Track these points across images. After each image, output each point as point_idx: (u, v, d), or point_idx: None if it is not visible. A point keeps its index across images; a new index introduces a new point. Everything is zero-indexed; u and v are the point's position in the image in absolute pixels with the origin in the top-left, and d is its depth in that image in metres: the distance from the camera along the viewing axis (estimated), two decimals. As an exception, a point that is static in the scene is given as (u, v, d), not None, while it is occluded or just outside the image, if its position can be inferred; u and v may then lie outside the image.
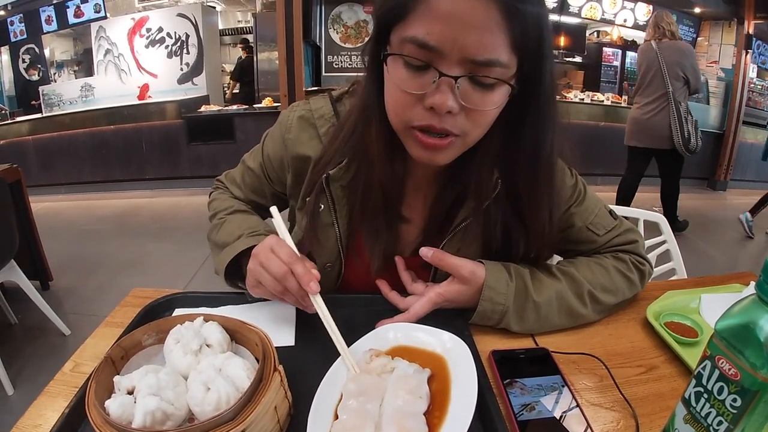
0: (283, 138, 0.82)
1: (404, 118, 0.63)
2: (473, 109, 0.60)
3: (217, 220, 0.88)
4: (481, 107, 0.60)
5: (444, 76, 0.57)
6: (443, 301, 0.74)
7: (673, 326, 0.75)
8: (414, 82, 0.59)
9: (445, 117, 0.60)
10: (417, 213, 0.82)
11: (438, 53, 0.56)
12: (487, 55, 0.56)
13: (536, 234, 0.75)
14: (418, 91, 0.59)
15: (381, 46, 0.63)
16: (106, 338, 0.72)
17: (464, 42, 0.55)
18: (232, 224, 0.84)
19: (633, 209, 1.41)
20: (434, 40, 0.56)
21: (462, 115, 0.61)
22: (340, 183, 0.76)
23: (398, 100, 0.62)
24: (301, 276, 0.65)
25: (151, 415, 0.46)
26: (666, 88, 3.29)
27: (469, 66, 0.57)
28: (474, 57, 0.56)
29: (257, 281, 0.70)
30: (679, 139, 3.26)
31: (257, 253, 0.70)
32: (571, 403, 0.58)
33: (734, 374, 0.42)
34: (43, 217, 3.16)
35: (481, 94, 0.59)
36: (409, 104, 0.61)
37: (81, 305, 2.69)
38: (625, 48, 6.78)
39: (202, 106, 5.43)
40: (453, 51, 0.56)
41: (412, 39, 0.57)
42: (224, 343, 0.58)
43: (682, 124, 3.25)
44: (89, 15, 5.63)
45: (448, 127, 0.61)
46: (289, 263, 0.66)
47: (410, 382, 0.57)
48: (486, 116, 0.63)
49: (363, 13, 5.90)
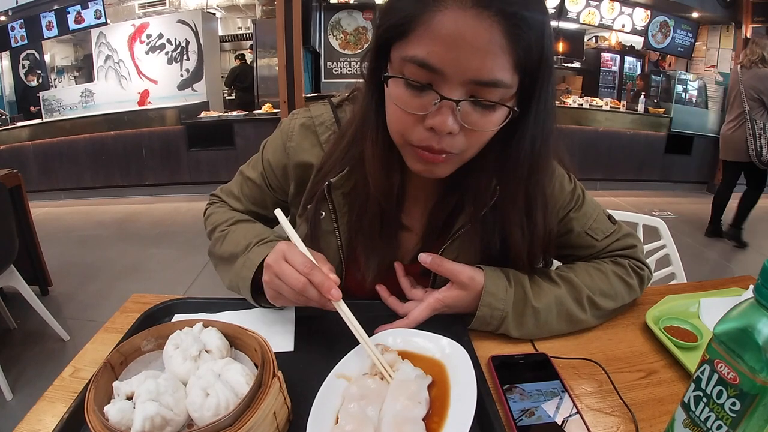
0: (285, 146, 0.82)
1: (404, 136, 0.63)
2: (473, 130, 0.60)
3: (218, 233, 0.85)
4: (481, 128, 0.60)
5: (445, 99, 0.57)
6: (442, 306, 0.74)
7: (672, 331, 0.75)
8: (414, 103, 0.59)
9: (444, 137, 0.60)
10: (416, 220, 0.82)
11: (439, 74, 0.56)
12: (490, 76, 0.56)
13: (533, 238, 0.75)
14: (418, 112, 0.59)
15: (380, 61, 0.63)
16: (105, 344, 0.71)
17: (467, 65, 0.55)
18: (236, 234, 0.82)
19: (632, 214, 1.41)
20: (436, 61, 0.55)
21: (461, 135, 0.61)
22: (341, 191, 0.76)
23: (398, 118, 0.62)
24: (320, 285, 0.62)
25: (150, 421, 0.46)
26: (743, 108, 3.72)
27: (470, 87, 0.57)
28: (476, 79, 0.56)
29: (277, 293, 0.67)
30: (754, 153, 3.69)
31: (270, 263, 0.67)
32: (570, 409, 0.58)
33: (733, 378, 0.42)
34: (43, 222, 3.16)
35: (482, 115, 0.59)
36: (410, 124, 0.61)
37: (80, 311, 2.68)
38: (623, 53, 6.82)
39: (202, 112, 5.44)
40: (455, 73, 0.55)
41: (413, 59, 0.56)
42: (223, 349, 0.58)
43: (756, 139, 3.68)
44: (90, 21, 5.66)
45: (446, 147, 0.61)
46: (305, 273, 0.63)
47: (410, 388, 0.56)
48: (485, 136, 0.63)
49: (362, 19, 5.93)
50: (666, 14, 5.95)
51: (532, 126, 0.65)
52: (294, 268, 0.64)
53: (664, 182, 5.89)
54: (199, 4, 6.22)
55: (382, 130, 0.68)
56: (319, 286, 0.62)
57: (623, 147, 5.65)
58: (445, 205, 0.78)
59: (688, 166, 5.91)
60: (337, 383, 0.59)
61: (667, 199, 5.49)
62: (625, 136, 5.64)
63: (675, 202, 5.36)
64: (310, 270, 0.63)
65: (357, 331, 0.63)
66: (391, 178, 0.73)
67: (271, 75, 5.72)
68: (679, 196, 5.65)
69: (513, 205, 0.73)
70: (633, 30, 6.06)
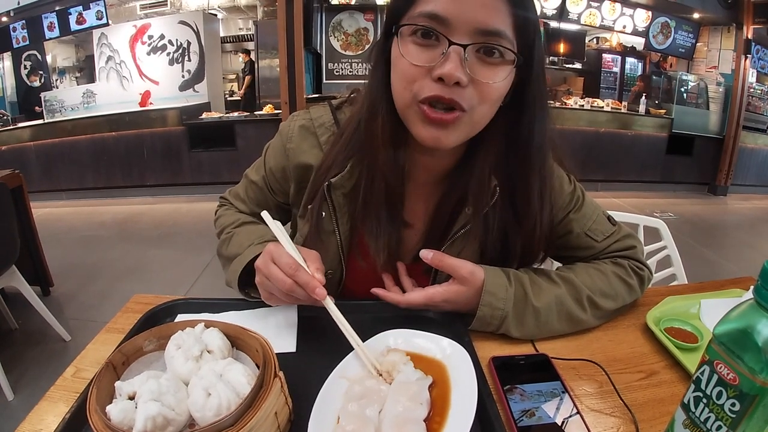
0: (285, 148, 0.83)
1: (412, 91, 0.64)
2: (481, 82, 0.62)
3: (225, 234, 0.88)
4: (488, 80, 0.63)
5: (453, 44, 0.60)
6: (442, 300, 0.74)
7: (673, 332, 0.75)
8: (423, 55, 0.62)
9: (453, 88, 0.62)
10: (418, 219, 0.83)
11: (447, 24, 0.60)
12: (494, 26, 0.60)
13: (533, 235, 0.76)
14: (427, 64, 0.62)
15: (388, 41, 0.67)
16: (107, 344, 0.72)
17: (473, 15, 0.60)
18: (240, 236, 0.84)
19: (633, 215, 1.42)
20: (444, 11, 0.60)
21: (470, 88, 0.63)
22: (341, 191, 0.77)
23: (406, 74, 0.64)
24: (305, 285, 0.65)
25: (152, 421, 0.47)
26: None
27: (477, 37, 0.61)
28: (482, 27, 0.60)
29: (269, 293, 0.70)
30: None
31: (259, 266, 0.69)
32: (571, 409, 0.58)
33: (733, 379, 0.42)
34: (45, 222, 3.16)
35: (488, 68, 0.63)
36: (418, 77, 0.63)
37: (82, 311, 2.69)
38: (624, 54, 6.81)
39: (204, 113, 5.45)
40: (462, 22, 0.60)
41: (422, 12, 0.61)
42: (225, 349, 0.58)
43: None
44: (91, 22, 5.66)
45: (456, 98, 0.62)
46: (291, 274, 0.65)
47: (411, 389, 0.57)
48: (492, 90, 0.64)
49: (363, 20, 5.93)
50: (667, 15, 5.95)
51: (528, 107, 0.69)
52: (280, 269, 0.66)
53: (665, 183, 5.89)
54: (201, 5, 6.23)
55: (390, 106, 0.70)
56: (305, 285, 0.65)
57: (624, 148, 5.65)
58: (447, 204, 0.79)
59: (690, 167, 5.91)
60: (338, 384, 0.59)
61: (668, 200, 5.49)
62: (627, 137, 5.64)
63: (676, 203, 5.37)
64: (295, 271, 0.65)
65: (342, 325, 0.65)
66: (398, 153, 0.74)
67: (273, 76, 5.73)
68: (681, 197, 5.65)
69: (512, 203, 0.73)
70: (634, 31, 6.05)
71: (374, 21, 5.88)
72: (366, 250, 0.81)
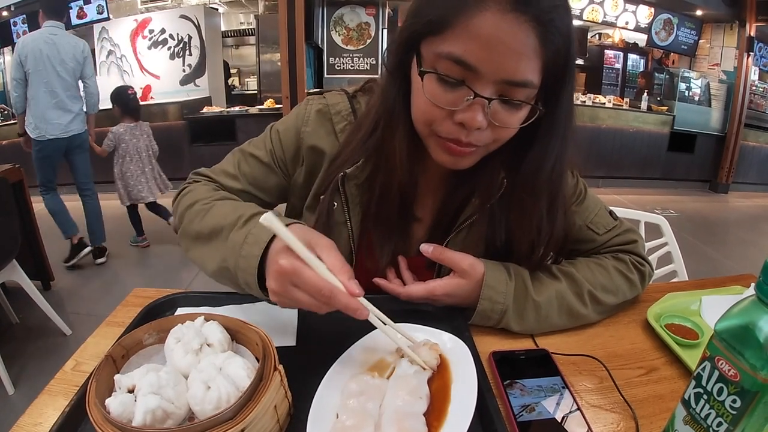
0: (300, 130, 0.81)
1: (432, 127, 0.65)
2: (499, 126, 0.62)
3: (200, 206, 0.74)
4: (508, 125, 0.63)
5: (479, 96, 0.58)
6: (442, 293, 0.74)
7: (673, 328, 0.75)
8: (446, 98, 0.61)
9: (472, 132, 0.62)
10: (427, 212, 0.83)
11: (474, 72, 0.58)
12: (522, 77, 0.58)
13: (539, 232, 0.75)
14: (450, 107, 0.61)
15: (408, 54, 0.65)
16: (107, 337, 0.72)
17: (502, 65, 0.57)
18: (224, 207, 0.72)
19: (634, 211, 1.41)
20: (472, 59, 0.57)
21: (488, 130, 0.63)
22: (354, 182, 0.76)
23: (427, 111, 0.64)
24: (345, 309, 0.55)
25: (151, 414, 0.46)
26: None
27: (501, 86, 0.59)
28: (509, 79, 0.58)
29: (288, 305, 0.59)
30: None
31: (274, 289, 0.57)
32: (571, 405, 0.58)
33: (734, 375, 0.42)
34: (45, 217, 3.15)
35: (509, 113, 0.62)
36: (439, 117, 0.63)
37: (82, 305, 2.69)
38: (626, 50, 6.79)
39: (205, 108, 5.44)
40: (489, 72, 0.57)
41: (449, 55, 0.58)
42: (225, 343, 0.58)
43: None
44: (92, 16, 5.65)
45: (474, 141, 0.63)
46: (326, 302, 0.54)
47: (410, 383, 0.57)
48: (510, 132, 0.65)
49: (365, 15, 5.90)
50: (670, 12, 5.92)
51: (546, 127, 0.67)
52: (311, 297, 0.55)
53: (667, 180, 5.88)
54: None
55: (408, 123, 0.69)
56: (345, 310, 0.55)
57: (626, 144, 5.64)
58: (456, 196, 0.79)
59: (691, 164, 5.90)
60: (338, 378, 0.59)
61: (669, 197, 5.49)
62: (628, 134, 5.63)
63: (677, 200, 5.37)
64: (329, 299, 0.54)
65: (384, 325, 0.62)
66: (415, 170, 0.75)
67: (274, 70, 5.72)
68: (682, 194, 5.65)
69: (518, 198, 0.73)
70: (636, 27, 6.03)
71: (376, 15, 5.85)
72: (372, 248, 0.80)
